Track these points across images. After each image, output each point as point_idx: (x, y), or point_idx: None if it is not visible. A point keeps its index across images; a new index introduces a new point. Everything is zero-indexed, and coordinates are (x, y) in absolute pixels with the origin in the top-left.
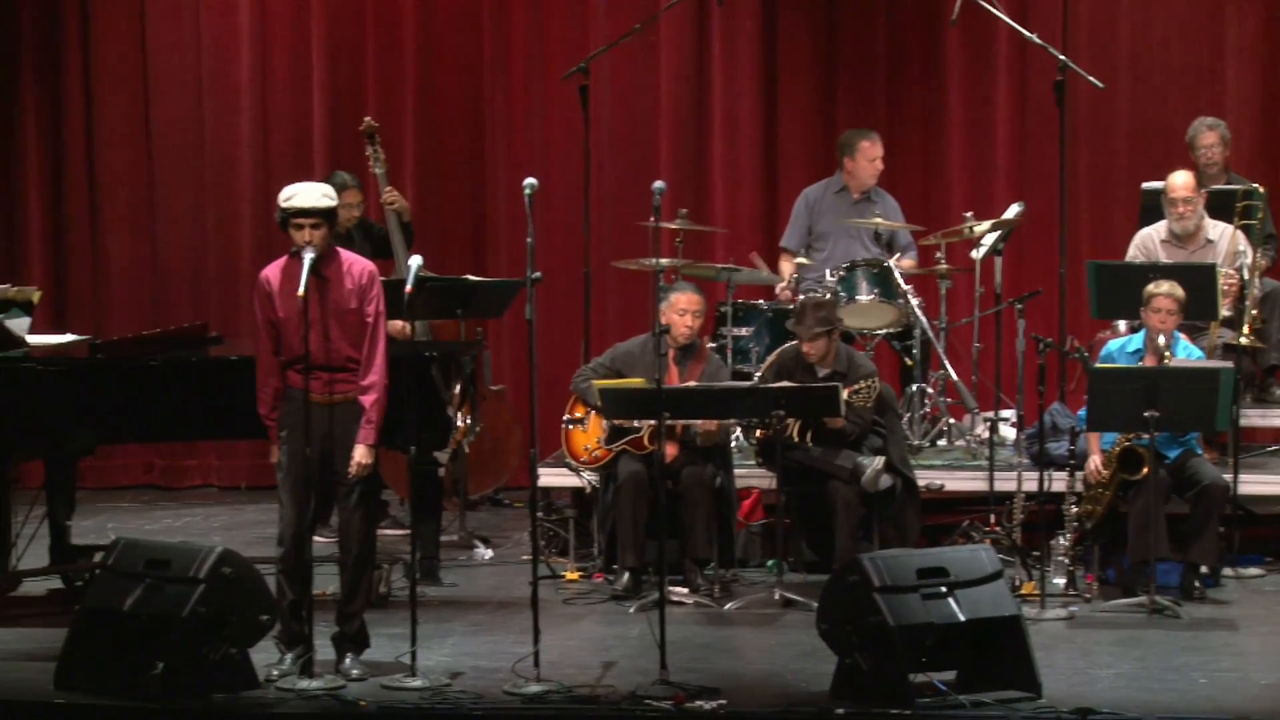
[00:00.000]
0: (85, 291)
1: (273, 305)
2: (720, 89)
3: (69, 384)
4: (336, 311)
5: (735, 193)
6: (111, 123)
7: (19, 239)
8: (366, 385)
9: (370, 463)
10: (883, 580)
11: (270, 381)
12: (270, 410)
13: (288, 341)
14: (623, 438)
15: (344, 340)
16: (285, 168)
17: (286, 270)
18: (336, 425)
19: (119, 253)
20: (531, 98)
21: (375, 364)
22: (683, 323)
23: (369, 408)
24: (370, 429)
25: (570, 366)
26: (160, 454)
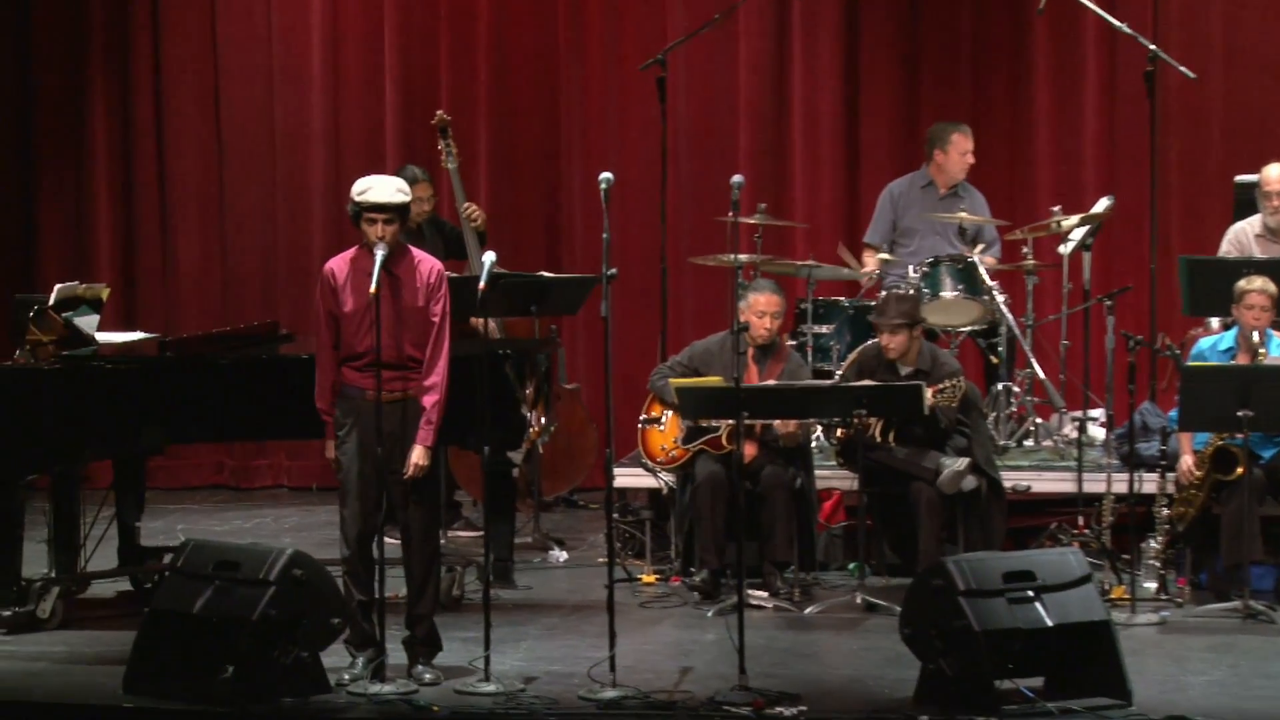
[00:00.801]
0: (154, 288)
1: (337, 299)
2: (800, 80)
3: (138, 383)
4: (403, 310)
5: (815, 187)
6: (181, 117)
7: (88, 235)
8: (428, 385)
9: (427, 464)
10: (968, 584)
11: (329, 376)
12: (329, 406)
13: (348, 337)
14: (700, 437)
15: (408, 339)
16: (357, 162)
17: (355, 264)
18: (396, 424)
19: (189, 249)
20: (607, 90)
21: (438, 365)
22: (761, 325)
23: (430, 408)
24: (430, 430)
25: (646, 365)
26: (230, 454)
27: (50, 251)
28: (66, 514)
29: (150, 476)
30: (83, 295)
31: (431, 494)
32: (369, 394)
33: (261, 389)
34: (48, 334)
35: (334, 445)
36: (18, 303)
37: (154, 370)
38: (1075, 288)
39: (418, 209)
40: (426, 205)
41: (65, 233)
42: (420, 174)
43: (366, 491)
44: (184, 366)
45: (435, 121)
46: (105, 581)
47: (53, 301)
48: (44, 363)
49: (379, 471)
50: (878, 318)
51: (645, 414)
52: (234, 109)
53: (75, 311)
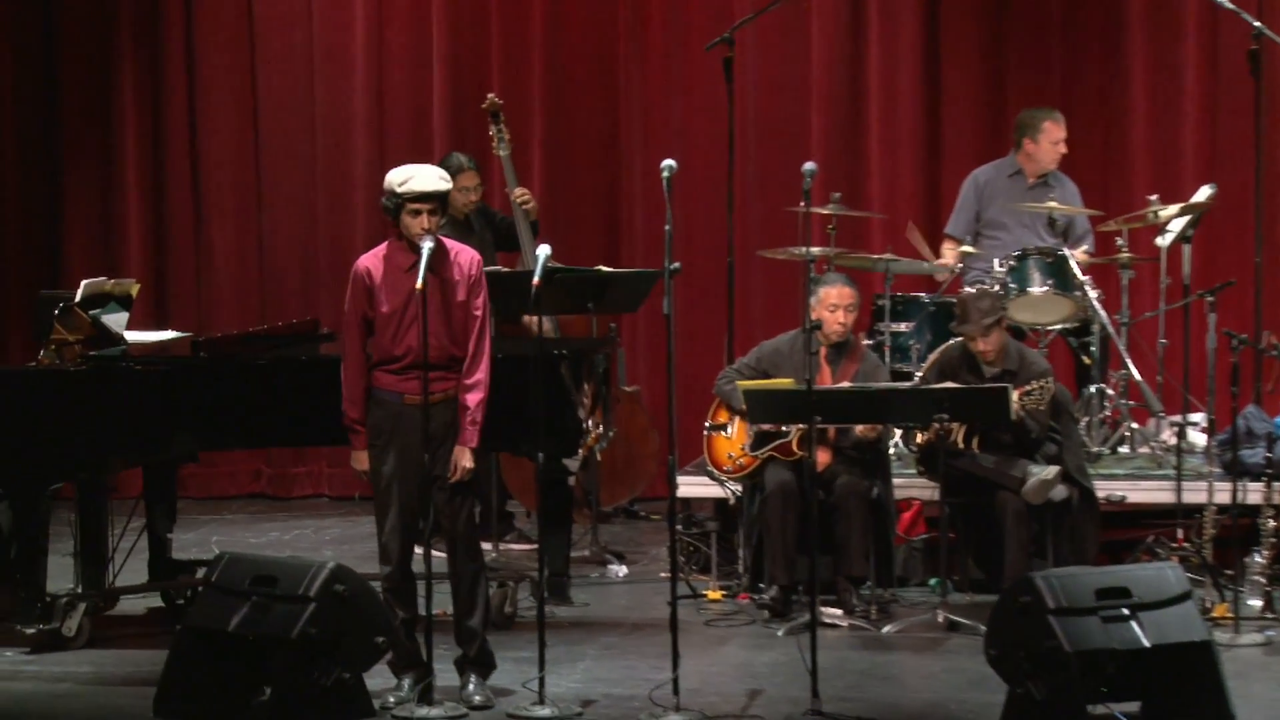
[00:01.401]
0: (187, 285)
1: (371, 300)
2: (877, 60)
3: (170, 385)
4: (444, 306)
5: (893, 175)
6: (216, 103)
7: (117, 228)
8: (471, 383)
9: (472, 466)
10: (1058, 601)
11: (360, 383)
12: (361, 415)
13: (384, 340)
14: (770, 444)
15: (448, 337)
16: (402, 149)
17: (389, 260)
18: (436, 427)
19: (223, 243)
20: (670, 71)
21: (481, 361)
22: (834, 319)
23: (473, 407)
24: (474, 430)
25: (712, 365)
26: (268, 461)
27: (77, 246)
28: (93, 525)
29: (182, 485)
30: (111, 292)
31: (475, 499)
32: (407, 398)
33: (301, 391)
34: (74, 333)
35: (365, 456)
36: (43, 300)
37: (186, 372)
38: (1174, 283)
39: (464, 199)
40: (474, 195)
41: (93, 226)
42: (466, 162)
43: (409, 503)
44: (218, 368)
45: (486, 105)
46: (135, 597)
47: (79, 299)
48: (70, 364)
49: (424, 480)
50: (960, 325)
51: (710, 419)
52: (271, 93)
53: (103, 309)
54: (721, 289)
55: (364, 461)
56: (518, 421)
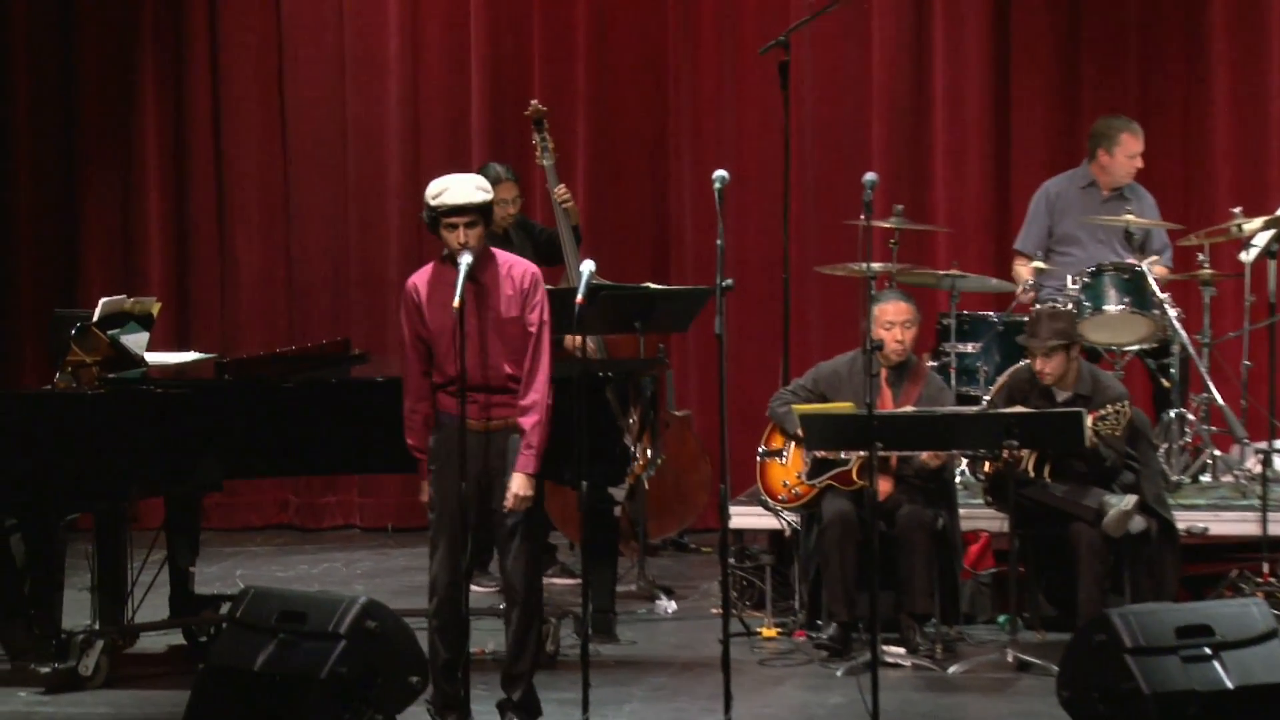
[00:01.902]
0: (211, 303)
1: (422, 318)
2: (943, 64)
3: (192, 409)
4: (496, 323)
5: (959, 186)
6: (242, 110)
7: (137, 243)
8: (527, 405)
9: (530, 495)
10: (1136, 640)
11: (420, 407)
12: (421, 440)
13: (439, 360)
14: (828, 472)
15: (504, 356)
16: (438, 159)
17: (437, 277)
18: (495, 456)
19: (249, 258)
20: (723, 76)
21: (537, 381)
22: (891, 337)
23: (529, 430)
24: (531, 455)
25: (766, 388)
26: (296, 490)
27: (94, 262)
28: (112, 558)
29: (206, 516)
30: (130, 311)
31: (536, 534)
32: (471, 423)
33: (331, 416)
34: (91, 354)
35: (428, 486)
36: (58, 319)
37: (210, 395)
38: (1259, 300)
39: (502, 212)
40: (512, 208)
41: (111, 240)
42: (504, 172)
43: (462, 534)
44: (244, 391)
45: (529, 113)
46: (155, 634)
47: (97, 318)
48: (87, 387)
49: (478, 511)
50: (1028, 338)
51: (765, 445)
52: (300, 100)
53: (122, 329)
54: (777, 307)
55: (425, 490)
56: (561, 448)
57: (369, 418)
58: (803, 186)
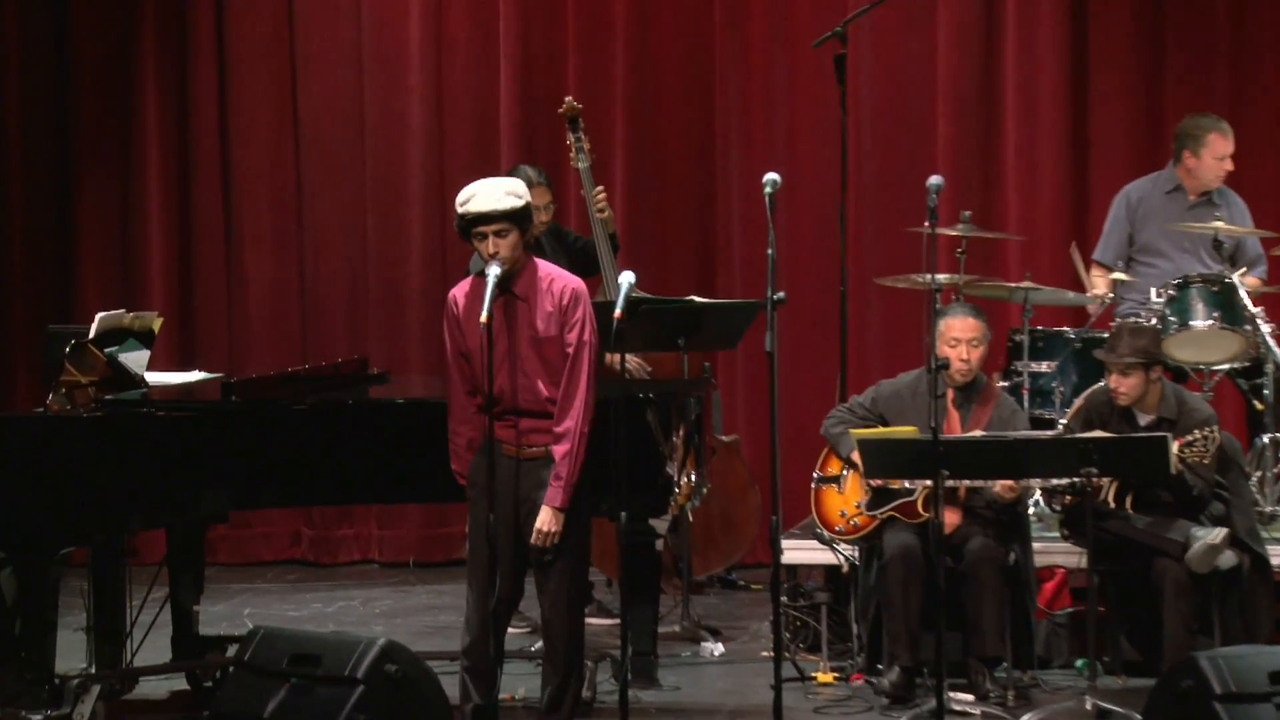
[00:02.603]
0: (217, 318)
1: (461, 333)
2: (1014, 58)
3: (197, 434)
4: (531, 341)
5: (1032, 191)
6: (251, 109)
7: (137, 253)
8: (560, 432)
9: (556, 530)
10: (1225, 686)
11: (463, 430)
12: (465, 465)
13: (476, 380)
14: (890, 502)
15: (541, 377)
16: (464, 162)
17: (475, 289)
18: (530, 486)
19: (259, 270)
20: (774, 71)
21: (574, 406)
22: (957, 355)
23: (559, 461)
24: (559, 488)
25: (821, 411)
26: (310, 522)
27: (91, 274)
28: (109, 596)
29: (211, 550)
30: (130, 326)
31: (577, 573)
32: (505, 447)
33: (348, 442)
34: (87, 374)
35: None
36: (51, 336)
37: (216, 419)
38: None
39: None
40: (545, 215)
41: (109, 251)
42: (536, 176)
43: (499, 569)
44: (253, 414)
45: (563, 111)
46: (156, 678)
47: (93, 334)
48: (82, 409)
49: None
50: (1106, 353)
51: (820, 471)
52: (314, 99)
53: (121, 347)
54: (833, 322)
55: None
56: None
57: (389, 443)
58: (861, 191)
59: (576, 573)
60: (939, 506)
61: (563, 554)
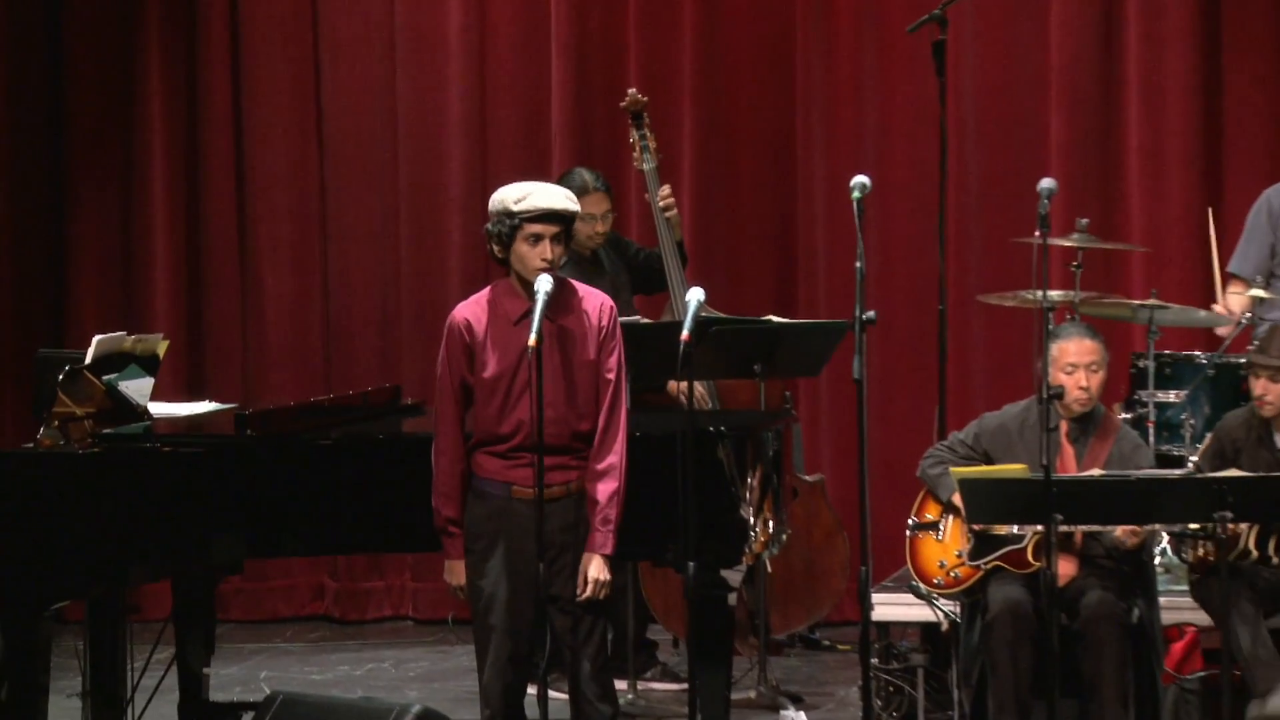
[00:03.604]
0: (230, 341)
1: (472, 362)
2: (1137, 45)
3: (207, 472)
4: (567, 368)
5: (1158, 196)
6: (268, 104)
7: (139, 268)
8: (602, 469)
9: (607, 579)
10: None
11: (456, 469)
12: (457, 510)
13: (489, 413)
14: (995, 550)
15: (572, 408)
16: (510, 164)
17: (494, 308)
18: (556, 531)
19: (277, 286)
20: (863, 61)
21: (617, 439)
22: (1074, 383)
23: (606, 502)
24: (607, 532)
25: (917, 446)
26: (335, 573)
27: (88, 291)
28: (108, 656)
29: (223, 605)
30: (131, 351)
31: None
32: (516, 490)
33: (378, 481)
34: (83, 405)
35: (462, 567)
36: (42, 362)
37: (229, 455)
38: None
39: (589, 230)
40: (602, 225)
41: (108, 266)
42: (593, 180)
43: (518, 629)
44: (270, 450)
45: (625, 104)
46: None
47: (90, 360)
48: (77, 444)
49: (536, 601)
50: (1255, 353)
51: (916, 516)
52: (340, 92)
53: (121, 374)
54: (931, 345)
55: (460, 574)
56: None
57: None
58: (963, 196)
59: (608, 626)
60: (1051, 555)
61: (600, 608)
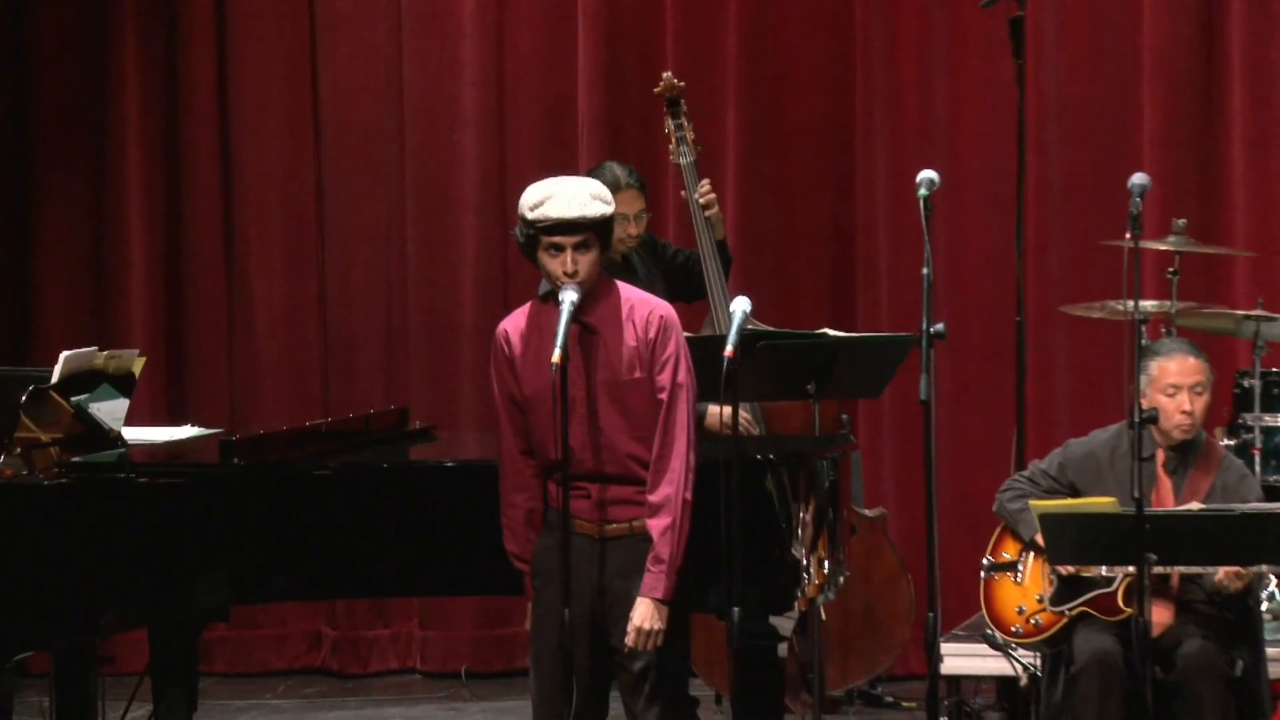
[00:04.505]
0: (215, 358)
1: (516, 378)
2: (1242, 22)
3: (188, 506)
4: (613, 385)
5: (1265, 194)
6: (258, 90)
7: (113, 276)
8: (657, 502)
9: (658, 629)
10: None
11: (520, 499)
12: (523, 545)
13: (539, 437)
14: (1082, 595)
15: (625, 432)
16: (531, 158)
17: (534, 320)
18: (613, 574)
19: (269, 296)
20: (931, 38)
21: (671, 468)
22: (1175, 406)
23: (659, 539)
24: (661, 575)
25: (993, 476)
26: (333, 620)
27: (54, 301)
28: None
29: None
30: (103, 369)
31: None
32: (580, 524)
33: (382, 516)
34: (48, 429)
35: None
36: (3, 381)
37: (214, 487)
38: None
39: (622, 231)
40: (635, 226)
41: (76, 271)
42: (626, 176)
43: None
44: (261, 481)
45: (660, 90)
46: None
47: (56, 379)
48: (42, 474)
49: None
50: None
51: (992, 556)
52: (340, 75)
53: (91, 394)
54: (1007, 362)
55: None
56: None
57: (436, 519)
58: (1044, 193)
59: (676, 686)
60: (1145, 600)
61: (660, 661)
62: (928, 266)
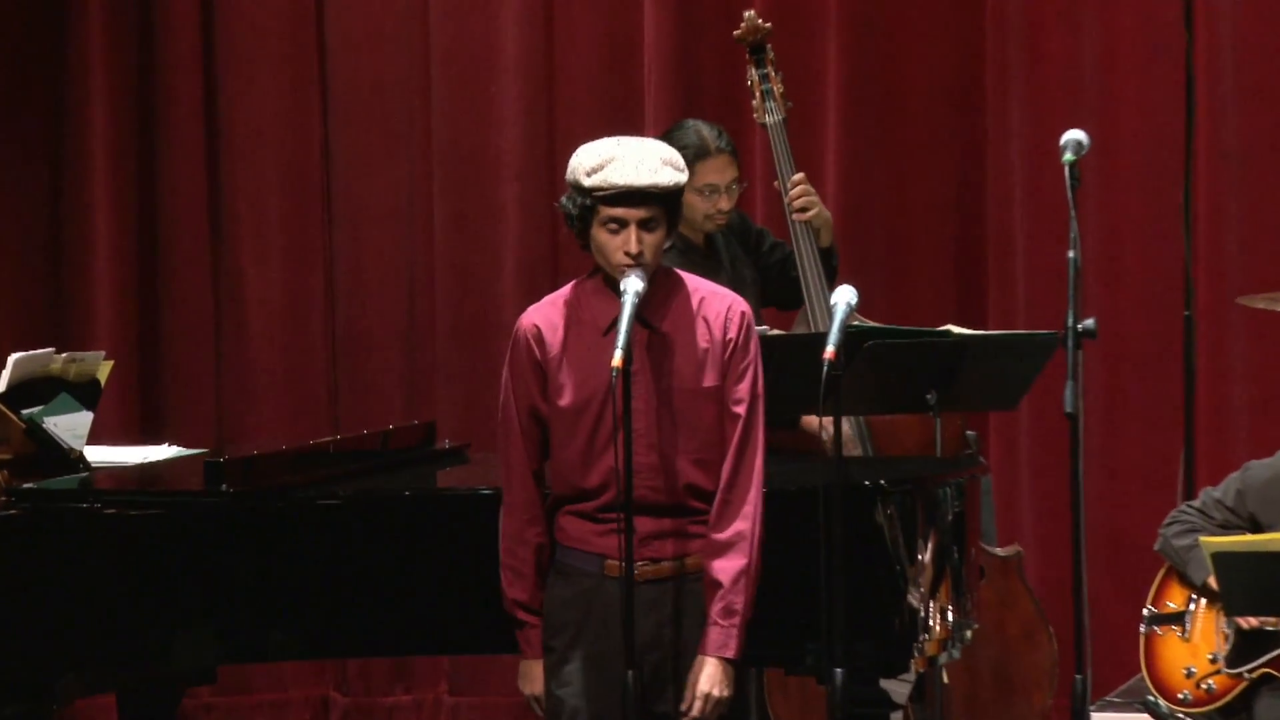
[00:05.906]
0: (199, 365)
1: (544, 385)
2: None
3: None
4: (677, 394)
5: None
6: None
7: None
8: (726, 539)
9: (727, 696)
10: None
11: (531, 534)
12: (529, 593)
13: (568, 457)
14: (1265, 653)
15: (687, 453)
16: (585, 118)
17: (572, 313)
18: (655, 625)
19: (265, 289)
20: None
21: (748, 498)
22: None
23: (729, 585)
24: (731, 628)
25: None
26: (344, 684)
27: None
28: None
29: None
30: (62, 375)
31: None
32: (610, 563)
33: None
34: None
35: (539, 671)
36: None
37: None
38: None
39: (708, 208)
40: (726, 201)
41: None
42: (715, 139)
43: None
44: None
45: (740, 34)
46: None
47: (3, 386)
48: None
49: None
50: None
51: (1154, 606)
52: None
53: (48, 406)
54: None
55: (536, 679)
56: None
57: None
58: (1216, 165)
59: None
60: None
61: None
62: (1075, 249)
